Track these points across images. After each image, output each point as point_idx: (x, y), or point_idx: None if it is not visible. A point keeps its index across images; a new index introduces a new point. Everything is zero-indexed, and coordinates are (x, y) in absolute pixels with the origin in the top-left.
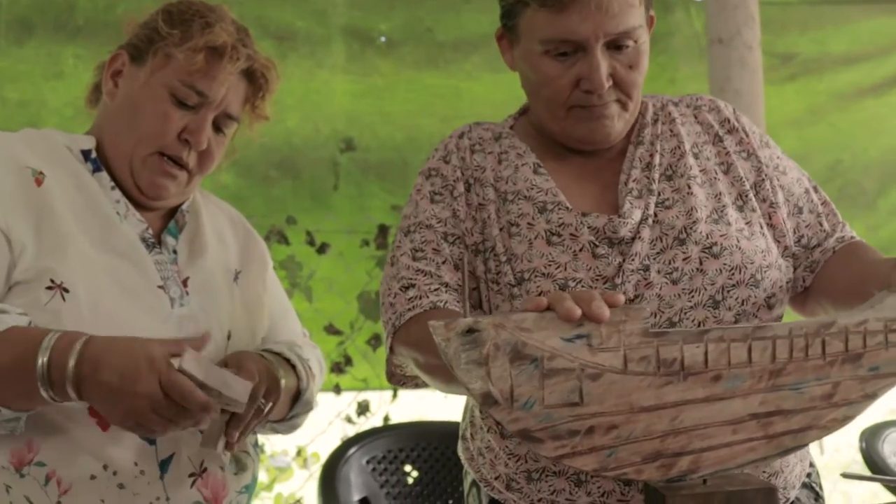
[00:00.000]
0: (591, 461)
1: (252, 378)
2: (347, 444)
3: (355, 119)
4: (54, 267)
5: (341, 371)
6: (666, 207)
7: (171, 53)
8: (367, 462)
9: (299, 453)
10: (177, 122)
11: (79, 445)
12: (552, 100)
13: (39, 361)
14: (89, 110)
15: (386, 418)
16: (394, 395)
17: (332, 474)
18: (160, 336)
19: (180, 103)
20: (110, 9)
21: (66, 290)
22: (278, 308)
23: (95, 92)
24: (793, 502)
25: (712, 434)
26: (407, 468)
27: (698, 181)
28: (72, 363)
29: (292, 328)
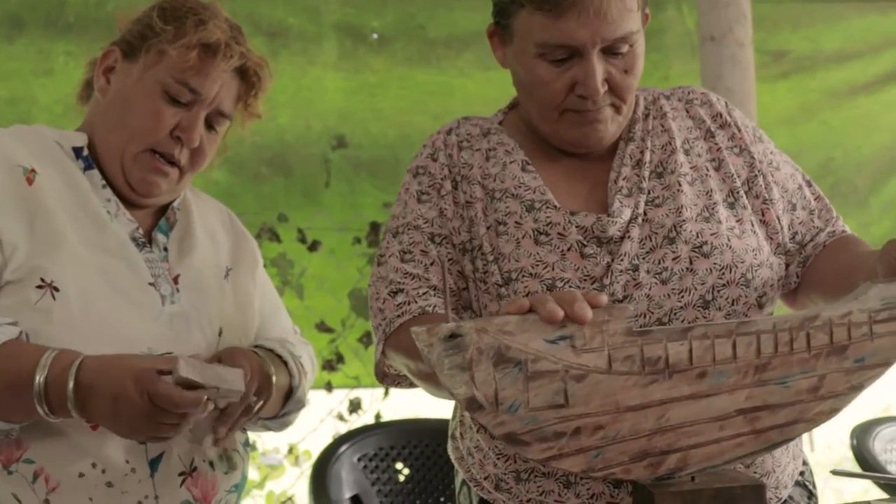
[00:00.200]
0: (579, 462)
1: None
2: (339, 442)
3: (347, 116)
4: (45, 266)
5: (333, 369)
6: (656, 206)
7: (165, 50)
8: (359, 460)
9: (291, 451)
10: (169, 120)
11: (67, 443)
12: (545, 103)
13: (37, 379)
14: (81, 107)
15: (377, 416)
16: (385, 393)
17: (324, 472)
18: (151, 334)
19: (173, 100)
20: (101, 5)
21: (57, 289)
22: (269, 305)
23: (87, 88)
24: (785, 501)
25: (699, 431)
26: (398, 466)
27: (689, 178)
28: (71, 384)
29: (283, 325)
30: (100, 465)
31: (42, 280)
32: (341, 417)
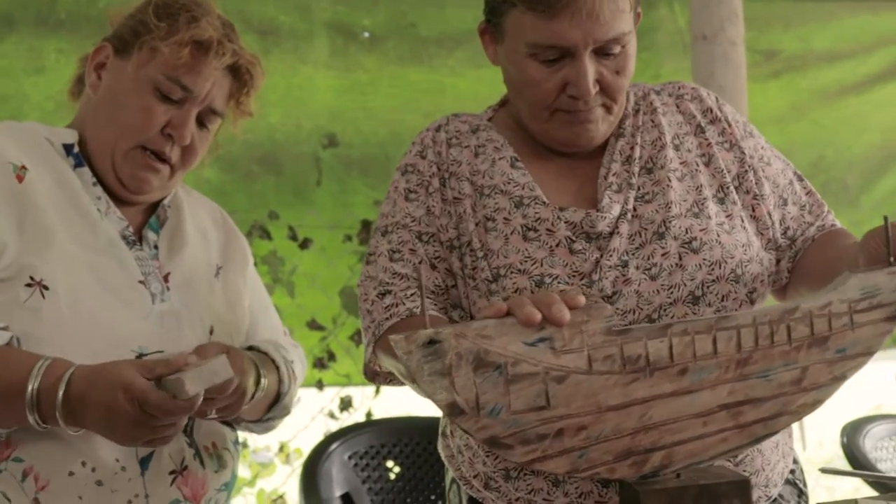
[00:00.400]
0: (563, 463)
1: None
2: (329, 440)
3: (338, 115)
4: (35, 264)
5: (324, 367)
6: (645, 201)
7: (157, 47)
8: (350, 458)
9: (282, 449)
10: (160, 117)
11: (57, 442)
12: (536, 102)
13: (29, 389)
14: (72, 102)
15: (368, 414)
16: (376, 391)
17: (314, 470)
18: (141, 332)
19: (164, 97)
20: (92, 2)
21: (46, 288)
22: (258, 304)
23: (78, 84)
24: (775, 499)
25: (683, 428)
26: (389, 464)
27: (678, 174)
28: (60, 395)
29: (273, 324)
30: (90, 464)
31: (31, 279)
32: (332, 415)
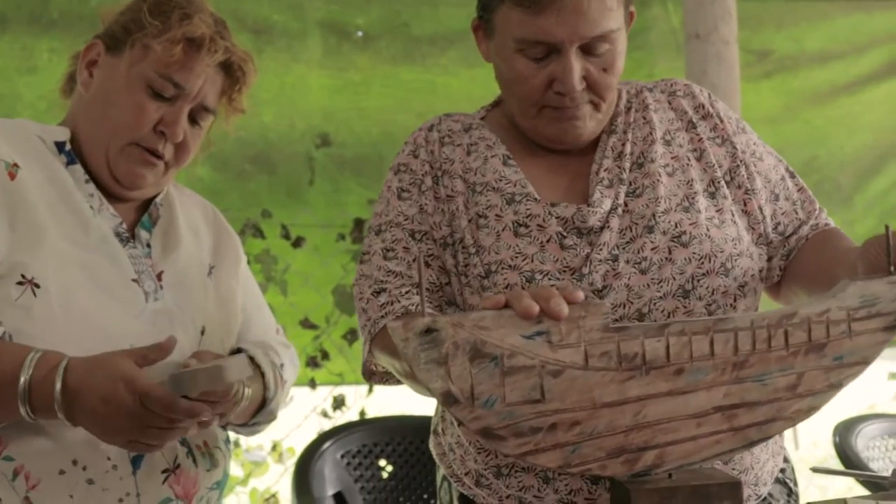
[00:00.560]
0: (555, 458)
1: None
2: (322, 439)
3: (331, 114)
4: (26, 262)
5: (317, 365)
6: (636, 196)
7: (149, 45)
8: (342, 456)
9: (274, 448)
10: (152, 114)
11: (48, 440)
12: (524, 98)
13: (21, 380)
14: (63, 100)
15: (362, 413)
16: (369, 390)
17: (307, 469)
18: (134, 331)
19: (156, 95)
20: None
21: (38, 286)
22: (251, 303)
23: (70, 82)
24: (765, 498)
25: (676, 428)
26: (381, 463)
27: (668, 169)
28: (58, 386)
29: (266, 323)
30: (81, 463)
31: (23, 276)
32: (325, 414)
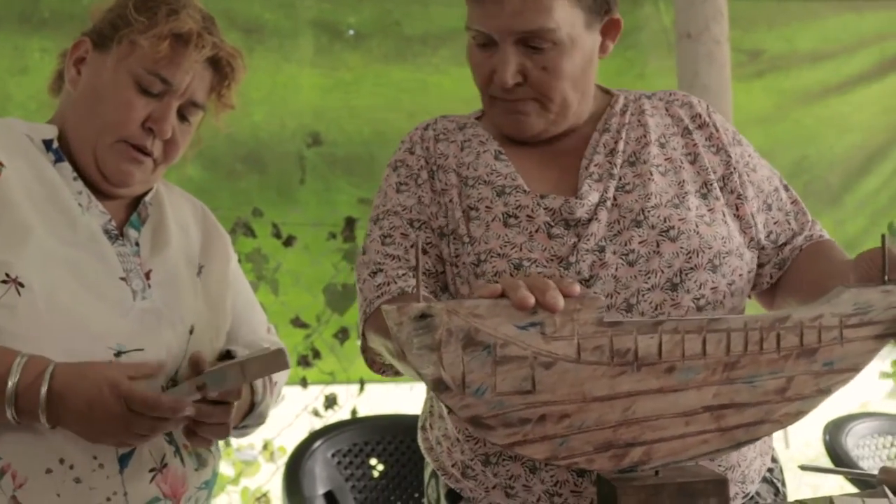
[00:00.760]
0: (543, 449)
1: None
2: (312, 438)
3: (322, 114)
4: (11, 261)
5: (308, 364)
6: (626, 192)
7: (136, 41)
8: (333, 455)
9: (266, 447)
10: (140, 111)
11: (35, 440)
12: (479, 88)
13: (9, 385)
14: (52, 98)
15: (353, 412)
16: (361, 389)
17: (297, 468)
18: (121, 330)
19: (144, 91)
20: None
21: (22, 285)
22: (243, 302)
23: (58, 80)
24: (752, 497)
25: (665, 425)
26: (372, 461)
27: (661, 169)
28: (44, 391)
29: (258, 321)
30: (67, 462)
31: (7, 276)
32: (316, 413)
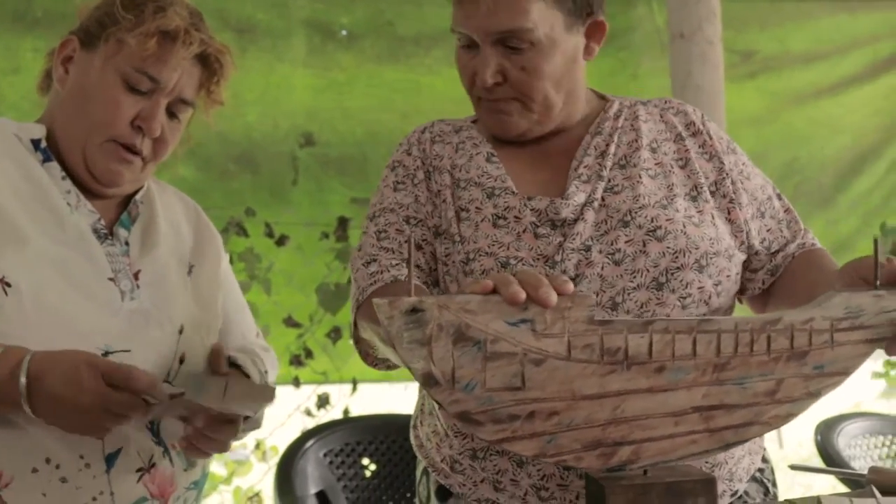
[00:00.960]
0: (531, 446)
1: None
2: (304, 438)
3: (315, 114)
4: None
5: (301, 364)
6: (614, 193)
7: (123, 39)
8: (325, 455)
9: (258, 446)
10: (129, 109)
11: (20, 438)
12: (466, 89)
13: None
14: (41, 97)
15: (346, 411)
16: (353, 388)
17: (289, 467)
18: (108, 330)
19: (132, 89)
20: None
21: (9, 285)
22: (233, 304)
23: (47, 79)
24: (740, 496)
25: (654, 425)
26: (364, 461)
27: (651, 172)
28: (23, 380)
29: (247, 325)
30: (54, 461)
31: None
32: (309, 413)
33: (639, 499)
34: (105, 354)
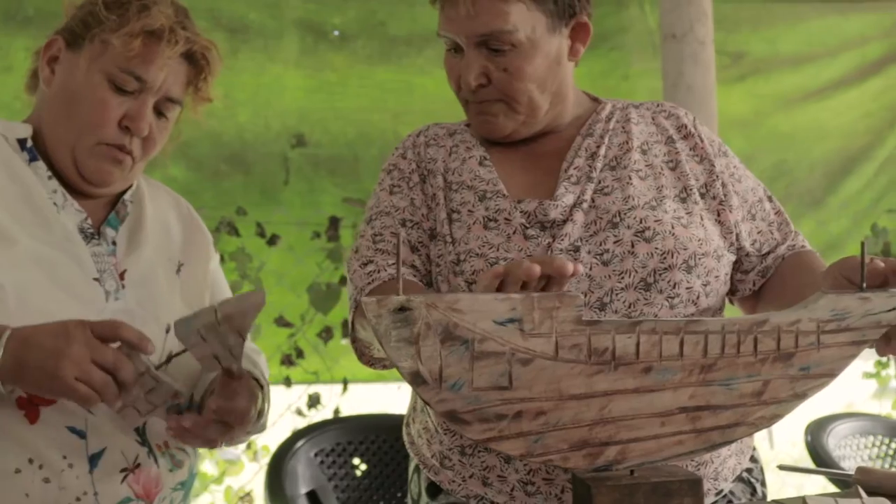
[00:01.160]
0: (518, 446)
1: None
2: (295, 437)
3: (306, 115)
4: None
5: (292, 363)
6: (604, 194)
7: (108, 39)
8: (316, 455)
9: (249, 446)
10: (116, 110)
11: (3, 438)
12: (454, 91)
13: None
14: (28, 97)
15: (336, 411)
16: (344, 388)
17: (280, 467)
18: None
19: (118, 90)
20: None
21: None
22: None
23: (34, 78)
24: (725, 495)
25: (640, 425)
26: (355, 461)
27: (641, 174)
28: (0, 351)
29: None
30: (37, 461)
31: None
32: (300, 413)
33: (625, 499)
34: None
